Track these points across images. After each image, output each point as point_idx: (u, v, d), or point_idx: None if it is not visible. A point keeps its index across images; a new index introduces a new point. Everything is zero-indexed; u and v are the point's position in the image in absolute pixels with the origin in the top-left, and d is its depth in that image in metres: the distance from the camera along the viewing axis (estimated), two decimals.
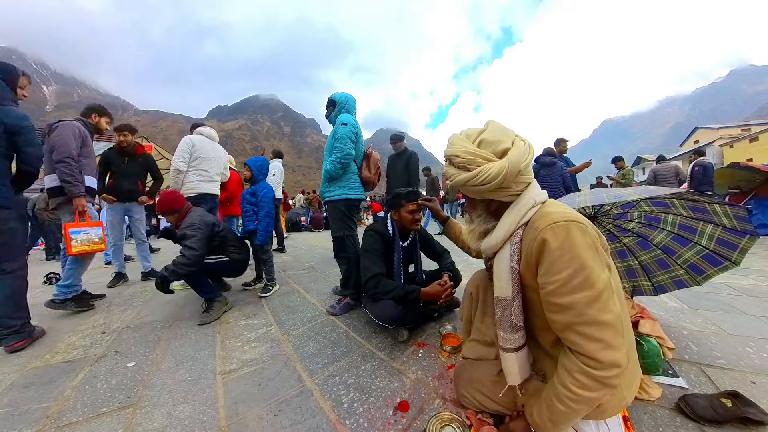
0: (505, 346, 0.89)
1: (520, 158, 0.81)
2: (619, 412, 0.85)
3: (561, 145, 5.01)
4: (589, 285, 0.71)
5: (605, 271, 0.76)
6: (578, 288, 0.72)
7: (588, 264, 0.72)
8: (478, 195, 0.91)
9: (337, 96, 2.31)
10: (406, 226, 1.91)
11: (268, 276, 2.77)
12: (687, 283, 1.61)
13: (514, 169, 0.81)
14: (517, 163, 0.81)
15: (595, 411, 0.79)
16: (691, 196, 1.36)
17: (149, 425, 1.13)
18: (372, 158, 2.37)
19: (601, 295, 0.72)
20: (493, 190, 0.85)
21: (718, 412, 1.00)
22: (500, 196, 0.87)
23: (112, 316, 2.34)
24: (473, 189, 0.87)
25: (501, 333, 0.90)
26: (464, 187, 0.88)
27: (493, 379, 1.02)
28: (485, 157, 0.83)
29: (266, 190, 2.68)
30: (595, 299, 0.71)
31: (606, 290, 0.72)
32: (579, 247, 0.73)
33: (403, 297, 1.64)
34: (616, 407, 0.82)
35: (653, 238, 1.69)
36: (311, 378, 1.39)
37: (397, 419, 1.10)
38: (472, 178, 0.84)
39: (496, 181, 0.81)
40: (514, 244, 0.86)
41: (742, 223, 1.33)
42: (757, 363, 1.35)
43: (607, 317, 0.71)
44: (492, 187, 0.83)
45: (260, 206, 2.64)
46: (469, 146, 0.86)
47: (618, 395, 0.81)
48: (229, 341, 1.82)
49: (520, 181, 0.85)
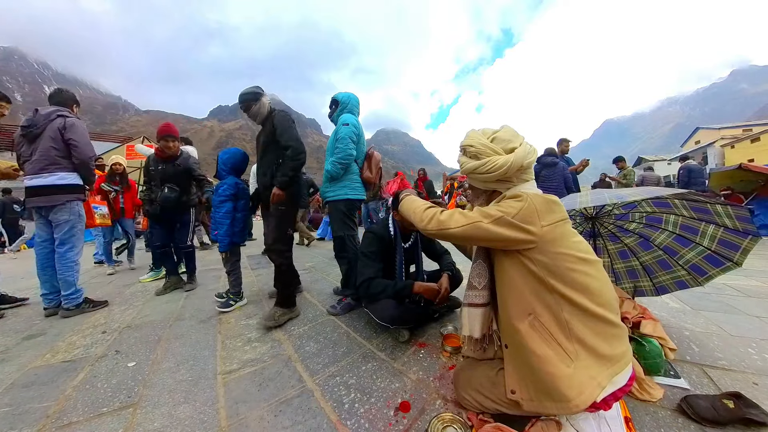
0: (468, 301, 1.08)
1: (525, 156, 0.94)
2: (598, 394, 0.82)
3: (562, 145, 5.01)
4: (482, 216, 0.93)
5: (506, 230, 0.89)
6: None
7: (500, 213, 0.90)
8: (483, 185, 1.04)
9: (340, 96, 2.31)
10: (407, 227, 1.91)
11: (233, 289, 2.42)
12: (689, 284, 1.61)
13: (518, 164, 0.93)
14: (521, 159, 0.93)
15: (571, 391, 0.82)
16: (693, 197, 1.36)
17: (149, 425, 1.13)
18: (373, 159, 2.37)
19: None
20: (496, 181, 0.98)
21: (720, 413, 1.00)
22: (502, 187, 1.00)
23: (113, 315, 2.34)
24: (480, 177, 1.00)
25: (468, 292, 1.09)
26: (472, 175, 1.02)
27: (493, 380, 1.02)
28: (495, 150, 0.96)
29: (225, 187, 2.24)
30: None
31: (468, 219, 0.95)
32: (506, 206, 0.91)
33: (395, 295, 1.64)
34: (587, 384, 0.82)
35: (655, 239, 1.69)
36: (312, 378, 1.39)
37: (398, 420, 1.10)
38: (480, 165, 0.96)
39: (500, 171, 0.93)
40: None
41: (744, 224, 1.32)
42: (759, 364, 1.34)
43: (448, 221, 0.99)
44: (496, 176, 0.95)
45: (218, 207, 2.23)
46: (483, 139, 0.99)
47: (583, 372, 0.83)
48: (230, 341, 1.82)
49: (521, 178, 0.97)
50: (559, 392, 0.83)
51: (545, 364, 0.86)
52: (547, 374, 0.85)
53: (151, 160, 2.94)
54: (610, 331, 0.89)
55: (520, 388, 0.92)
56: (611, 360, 0.86)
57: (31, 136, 2.23)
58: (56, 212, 2.28)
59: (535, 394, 0.89)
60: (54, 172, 2.23)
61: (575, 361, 0.85)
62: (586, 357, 0.85)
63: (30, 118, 2.26)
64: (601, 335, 0.87)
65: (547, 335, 0.88)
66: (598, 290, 0.89)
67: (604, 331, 0.88)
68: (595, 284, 0.89)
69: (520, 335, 0.91)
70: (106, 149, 13.13)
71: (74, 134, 2.25)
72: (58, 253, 2.32)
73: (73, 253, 2.37)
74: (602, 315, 0.87)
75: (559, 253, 0.88)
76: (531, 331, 0.89)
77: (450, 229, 0.97)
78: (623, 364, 0.87)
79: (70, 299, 2.33)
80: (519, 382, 0.93)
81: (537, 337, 0.89)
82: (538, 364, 0.87)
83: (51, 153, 2.21)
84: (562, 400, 0.83)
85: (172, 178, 2.86)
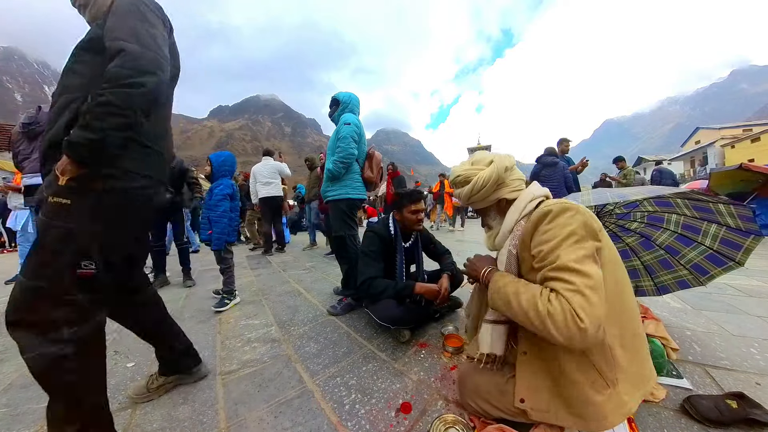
0: (492, 318, 1.01)
1: (503, 161, 1.03)
2: (623, 420, 0.81)
3: (563, 145, 5.00)
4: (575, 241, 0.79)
5: (592, 249, 0.79)
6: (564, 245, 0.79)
7: (577, 231, 0.79)
8: (485, 202, 1.06)
9: (340, 95, 2.31)
10: (408, 227, 1.90)
11: (226, 287, 2.47)
12: (690, 284, 1.60)
13: (502, 167, 1.01)
14: (502, 164, 1.01)
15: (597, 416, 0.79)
16: (695, 196, 1.35)
17: (148, 426, 1.12)
18: (374, 158, 2.36)
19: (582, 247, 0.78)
20: (494, 190, 1.03)
21: (723, 413, 0.99)
22: (503, 193, 1.03)
23: None
24: (479, 195, 1.03)
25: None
26: (472, 198, 1.05)
27: (501, 388, 0.98)
28: (478, 168, 1.05)
29: (221, 187, 2.35)
30: (574, 247, 0.77)
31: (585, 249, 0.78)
32: (568, 223, 0.81)
33: (395, 295, 1.64)
34: (616, 412, 0.79)
35: (656, 238, 1.68)
36: (312, 379, 1.38)
37: (399, 421, 1.09)
38: (473, 186, 1.02)
39: (491, 181, 1.00)
40: (515, 233, 0.96)
41: (747, 223, 1.31)
42: (762, 364, 1.34)
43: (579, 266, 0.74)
44: (490, 187, 1.01)
45: (214, 207, 2.33)
46: (465, 166, 1.09)
47: (615, 399, 0.79)
48: (230, 341, 1.81)
49: (513, 177, 1.03)
50: (582, 414, 0.80)
51: (574, 388, 0.81)
52: (575, 398, 0.81)
53: None
54: (644, 349, 0.86)
55: (533, 398, 0.88)
56: (644, 381, 0.84)
57: (32, 134, 2.22)
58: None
59: (551, 407, 0.85)
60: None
61: (611, 389, 0.80)
62: (623, 382, 0.81)
63: (32, 116, 2.24)
64: (638, 356, 0.84)
65: (586, 363, 0.81)
66: (631, 300, 0.86)
67: (640, 351, 0.85)
68: (630, 295, 0.86)
69: (551, 349, 0.85)
70: None
71: None
72: None
73: None
74: (639, 332, 0.84)
75: (607, 263, 0.81)
76: (567, 353, 0.82)
77: (591, 317, 0.68)
78: (653, 381, 0.85)
79: None
80: (532, 393, 0.89)
81: (572, 360, 0.82)
82: (565, 383, 0.83)
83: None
84: (583, 418, 0.80)
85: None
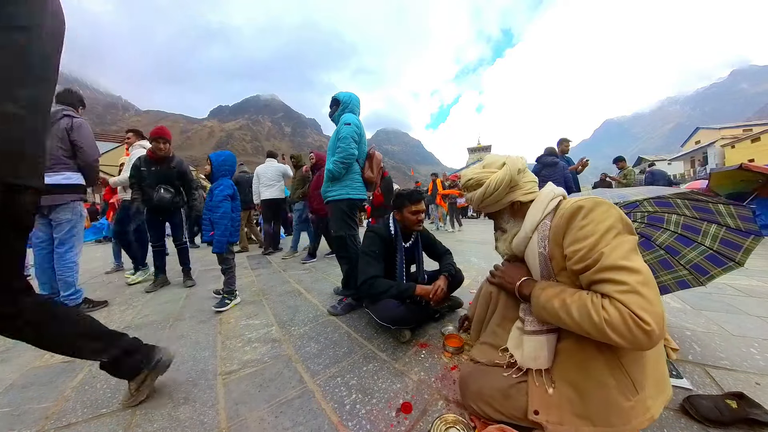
0: (534, 329, 0.92)
1: (516, 163, 1.02)
2: (646, 426, 0.79)
3: (563, 145, 5.01)
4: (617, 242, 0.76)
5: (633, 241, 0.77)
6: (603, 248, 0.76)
7: (615, 225, 0.77)
8: (498, 205, 1.06)
9: (341, 95, 2.31)
10: (408, 227, 1.90)
11: (227, 288, 2.47)
12: (690, 284, 1.60)
13: (514, 169, 1.00)
14: (515, 166, 1.00)
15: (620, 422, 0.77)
16: (695, 196, 1.35)
17: (149, 426, 1.12)
18: (375, 158, 2.36)
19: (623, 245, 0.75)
20: (507, 193, 1.02)
21: (723, 413, 0.99)
22: (517, 195, 1.02)
23: (113, 316, 2.33)
24: (491, 199, 1.03)
25: (529, 318, 0.94)
26: (485, 201, 1.04)
27: (506, 392, 0.95)
28: (490, 171, 1.04)
29: (221, 188, 2.35)
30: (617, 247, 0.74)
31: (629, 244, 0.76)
32: (604, 218, 0.78)
33: (397, 296, 1.65)
34: (640, 418, 0.77)
35: (656, 239, 1.68)
36: (313, 379, 1.38)
37: (399, 421, 1.09)
38: (486, 188, 1.02)
39: (504, 183, 0.99)
40: (541, 232, 0.93)
41: (747, 223, 1.31)
42: (762, 364, 1.34)
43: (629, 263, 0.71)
44: (503, 190, 1.00)
45: (215, 208, 2.31)
46: (477, 170, 1.08)
47: (641, 404, 0.78)
48: (230, 341, 1.81)
49: (526, 180, 1.02)
50: (607, 420, 0.78)
51: (601, 391, 0.79)
52: (601, 402, 0.79)
53: (143, 162, 2.99)
54: (663, 349, 0.87)
55: (548, 409, 0.85)
56: (666, 383, 0.84)
57: None
58: (59, 211, 2.26)
59: (571, 418, 0.82)
60: (60, 171, 2.21)
61: (639, 393, 0.78)
62: (650, 386, 0.80)
63: None
64: (662, 357, 0.84)
65: (616, 366, 0.79)
66: None
67: (662, 352, 0.85)
68: None
69: (581, 354, 0.83)
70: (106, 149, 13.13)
71: (80, 136, 2.25)
72: (58, 253, 2.29)
73: (73, 253, 2.35)
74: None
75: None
76: (598, 354, 0.80)
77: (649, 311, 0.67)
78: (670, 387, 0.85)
79: (69, 300, 2.32)
80: (548, 404, 0.85)
81: (602, 364, 0.80)
82: (591, 388, 0.80)
83: (57, 152, 2.18)
84: (605, 425, 0.78)
85: (166, 179, 3.01)
